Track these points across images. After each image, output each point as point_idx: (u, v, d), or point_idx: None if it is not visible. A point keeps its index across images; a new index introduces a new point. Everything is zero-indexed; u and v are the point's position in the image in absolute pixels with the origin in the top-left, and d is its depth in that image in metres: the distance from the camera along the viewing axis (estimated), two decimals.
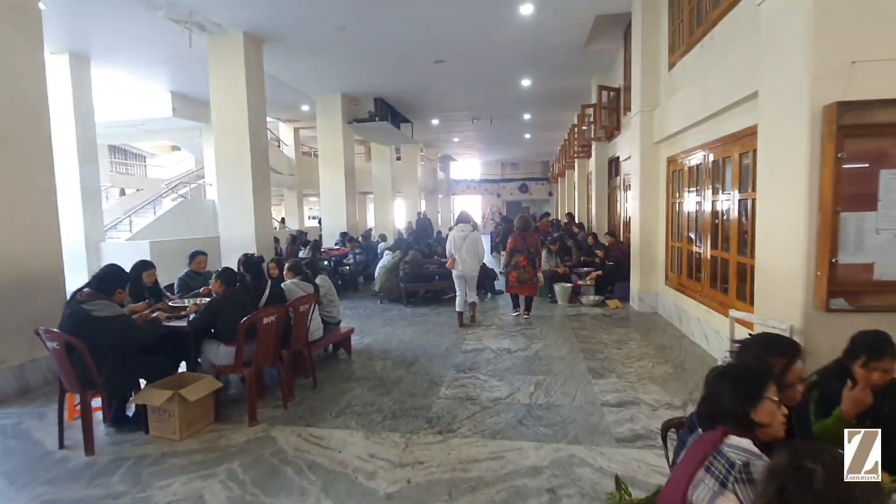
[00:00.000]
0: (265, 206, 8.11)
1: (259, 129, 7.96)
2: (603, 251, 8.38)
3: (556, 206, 27.49)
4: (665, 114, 6.05)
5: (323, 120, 11.53)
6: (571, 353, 4.99)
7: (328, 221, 11.83)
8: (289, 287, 4.40)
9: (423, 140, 19.80)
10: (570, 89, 11.48)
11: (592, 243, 9.14)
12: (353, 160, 12.33)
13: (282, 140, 16.44)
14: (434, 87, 11.26)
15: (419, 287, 7.88)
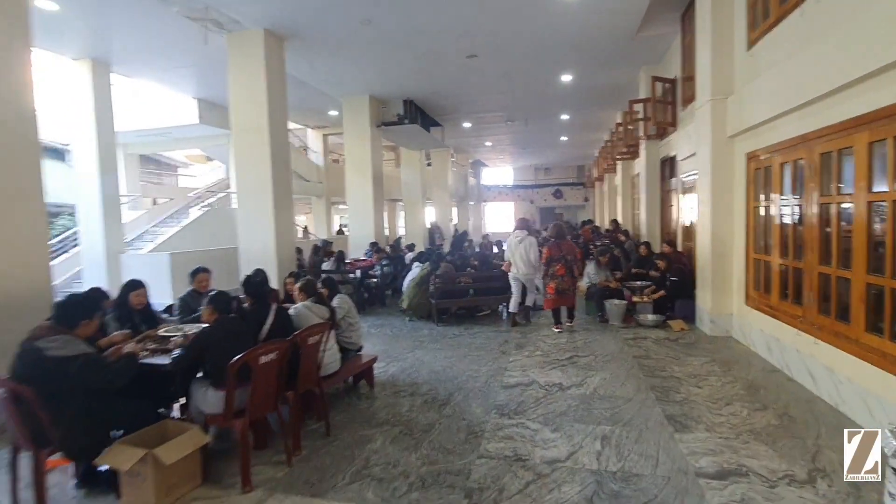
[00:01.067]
0: (287, 214, 7.54)
1: (280, 132, 7.41)
2: (664, 262, 7.39)
3: (592, 212, 26.25)
4: (744, 101, 5.08)
5: (350, 123, 10.98)
6: (639, 392, 4.08)
7: (355, 230, 11.24)
8: (299, 312, 3.70)
9: (454, 144, 19.12)
10: (614, 85, 10.52)
11: (646, 253, 8.12)
12: (382, 166, 11.72)
13: (310, 147, 16.08)
14: (466, 86, 10.53)
15: (451, 304, 7.10)
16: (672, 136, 8.46)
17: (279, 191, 7.27)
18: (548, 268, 6.26)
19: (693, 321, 6.32)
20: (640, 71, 9.52)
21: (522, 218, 6.94)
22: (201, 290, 4.29)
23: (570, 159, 26.51)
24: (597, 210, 22.47)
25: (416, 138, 13.02)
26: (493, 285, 7.15)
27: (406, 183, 15.45)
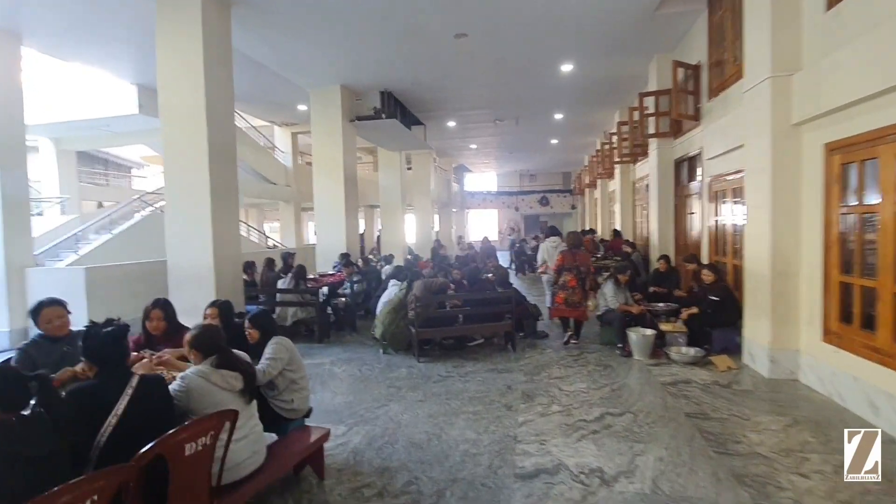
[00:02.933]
0: (229, 221, 6.04)
1: (222, 119, 5.93)
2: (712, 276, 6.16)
3: (581, 220, 25.25)
4: (822, 77, 3.86)
5: (318, 116, 9.53)
6: (723, 489, 2.73)
7: (324, 240, 9.74)
8: (188, 387, 2.22)
9: (437, 147, 17.79)
10: (619, 77, 9.35)
11: (665, 269, 6.88)
12: (355, 166, 10.28)
13: (277, 146, 14.53)
14: (452, 75, 9.21)
15: (436, 333, 5.68)
16: (693, 133, 7.27)
17: (220, 193, 5.78)
18: (558, 276, 5.91)
19: (735, 353, 5.07)
20: (651, 60, 8.35)
21: (552, 226, 7.06)
22: (55, 333, 2.78)
23: (558, 165, 25.49)
24: (587, 218, 21.40)
25: (395, 137, 11.62)
26: (488, 310, 5.77)
27: (384, 187, 14.02)
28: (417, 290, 5.60)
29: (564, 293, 5.82)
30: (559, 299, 5.88)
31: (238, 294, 6.00)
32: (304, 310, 6.49)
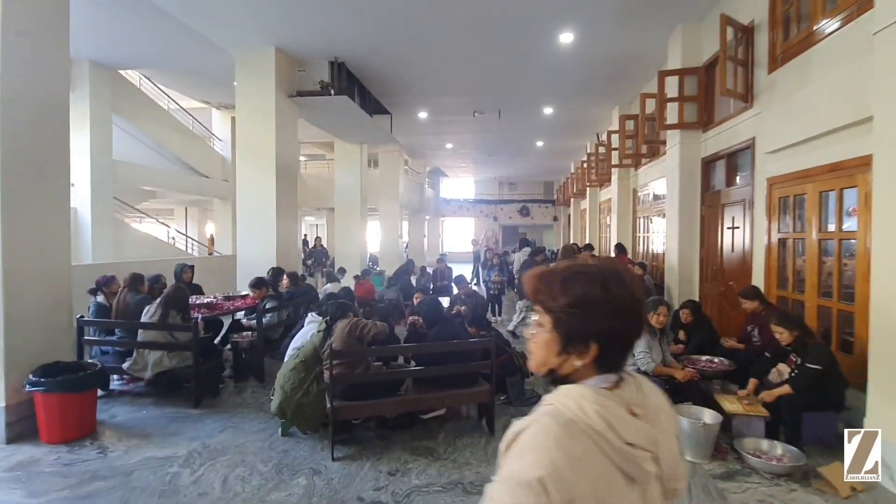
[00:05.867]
0: (52, 215, 3.80)
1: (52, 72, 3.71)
2: (752, 322, 4.22)
3: (563, 233, 23.55)
4: None
5: (244, 88, 7.33)
6: None
7: (248, 249, 7.48)
8: None
9: (407, 145, 15.72)
10: (628, 54, 7.47)
11: (689, 320, 4.80)
12: (296, 154, 8.11)
13: (215, 133, 12.19)
14: (422, 42, 7.17)
15: (366, 409, 3.50)
16: (737, 120, 5.40)
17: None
18: None
19: (837, 449, 3.11)
20: (674, 30, 6.51)
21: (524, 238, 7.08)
22: None
23: (540, 173, 23.78)
24: (571, 231, 19.65)
25: (351, 123, 9.49)
26: (454, 367, 3.65)
27: (340, 186, 11.82)
28: (336, 338, 3.45)
29: None
30: None
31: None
32: (175, 355, 4.25)
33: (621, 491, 0.77)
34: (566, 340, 0.85)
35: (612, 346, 0.85)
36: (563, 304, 0.85)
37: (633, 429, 0.80)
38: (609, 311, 0.84)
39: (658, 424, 0.85)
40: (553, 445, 0.74)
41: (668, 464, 0.85)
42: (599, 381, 0.84)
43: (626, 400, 0.83)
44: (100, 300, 4.92)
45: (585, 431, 0.77)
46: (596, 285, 0.85)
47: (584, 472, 0.74)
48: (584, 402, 0.79)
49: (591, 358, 0.84)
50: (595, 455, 0.76)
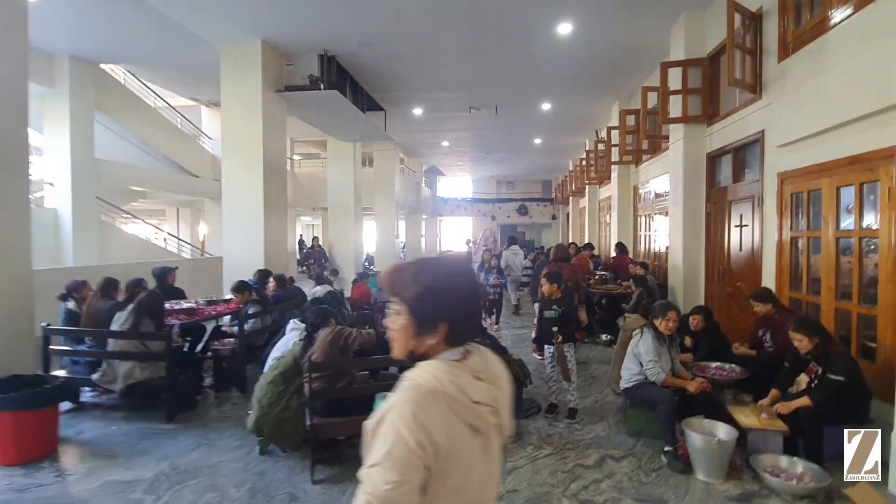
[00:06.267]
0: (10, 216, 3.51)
1: None
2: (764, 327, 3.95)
3: (562, 232, 23.30)
4: None
5: (230, 82, 7.03)
6: None
7: (234, 250, 7.19)
8: None
9: (403, 143, 15.43)
10: (630, 46, 7.19)
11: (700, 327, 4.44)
12: (284, 151, 7.80)
13: (204, 132, 11.89)
14: (415, 35, 6.88)
15: (350, 427, 3.19)
16: (745, 112, 5.12)
17: None
18: None
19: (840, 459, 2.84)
20: (677, 21, 6.24)
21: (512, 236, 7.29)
22: None
23: (538, 171, 23.49)
24: (570, 230, 19.39)
25: (343, 120, 9.21)
26: None
27: (334, 185, 11.54)
28: (318, 348, 3.17)
29: None
30: None
31: None
32: (147, 366, 3.96)
33: (468, 441, 0.95)
34: (420, 324, 0.99)
35: (458, 324, 1.01)
36: (414, 293, 0.99)
37: (478, 390, 0.98)
38: (453, 295, 1.00)
39: (498, 386, 1.05)
40: (418, 410, 0.88)
41: (505, 417, 1.06)
42: (450, 355, 1.01)
43: (472, 368, 1.01)
44: (70, 306, 4.63)
45: (441, 396, 0.92)
46: (441, 274, 1.02)
47: (447, 431, 0.90)
48: (438, 374, 0.95)
49: (441, 336, 1.00)
50: (448, 415, 0.91)
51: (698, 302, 6.01)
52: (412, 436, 0.86)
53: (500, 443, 1.05)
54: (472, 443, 0.95)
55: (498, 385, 1.05)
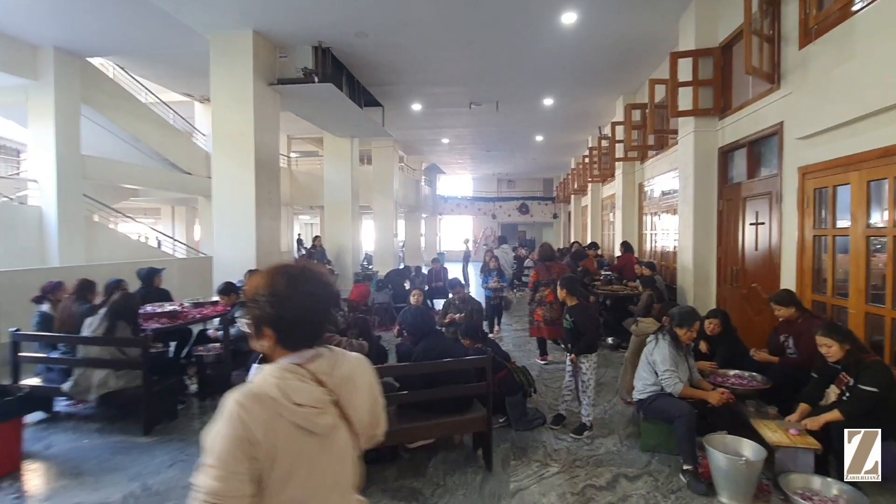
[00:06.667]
0: None
1: None
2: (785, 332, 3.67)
3: (563, 230, 23.02)
4: None
5: (220, 74, 6.75)
6: None
7: (225, 249, 6.92)
8: None
9: (402, 140, 15.16)
10: (636, 37, 6.91)
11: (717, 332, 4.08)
12: (276, 147, 7.52)
13: (198, 129, 11.60)
14: (413, 24, 6.58)
15: None
16: (762, 103, 4.83)
17: None
18: (535, 293, 5.72)
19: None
20: (687, 9, 5.95)
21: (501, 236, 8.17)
22: None
23: (540, 170, 23.20)
24: (572, 229, 19.11)
25: (339, 115, 8.93)
26: (444, 390, 3.09)
27: (330, 182, 11.27)
28: None
29: (543, 309, 5.48)
30: (538, 316, 5.53)
31: None
32: (123, 374, 3.68)
33: (299, 441, 1.02)
34: (255, 327, 1.08)
35: (284, 331, 1.07)
36: (250, 297, 1.09)
37: (302, 393, 1.03)
38: (281, 302, 1.06)
39: (345, 388, 1.11)
40: (241, 410, 0.97)
41: (360, 416, 1.14)
42: (293, 359, 1.08)
43: (314, 371, 1.07)
44: (45, 309, 4.36)
45: (265, 399, 1.00)
46: (277, 283, 1.07)
47: (267, 430, 0.97)
48: (267, 377, 1.03)
49: (271, 341, 1.07)
50: (274, 416, 0.99)
51: (710, 305, 5.74)
52: (233, 433, 0.94)
53: (350, 441, 1.11)
54: (303, 441, 1.02)
55: (345, 387, 1.10)
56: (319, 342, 1.12)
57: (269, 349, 1.08)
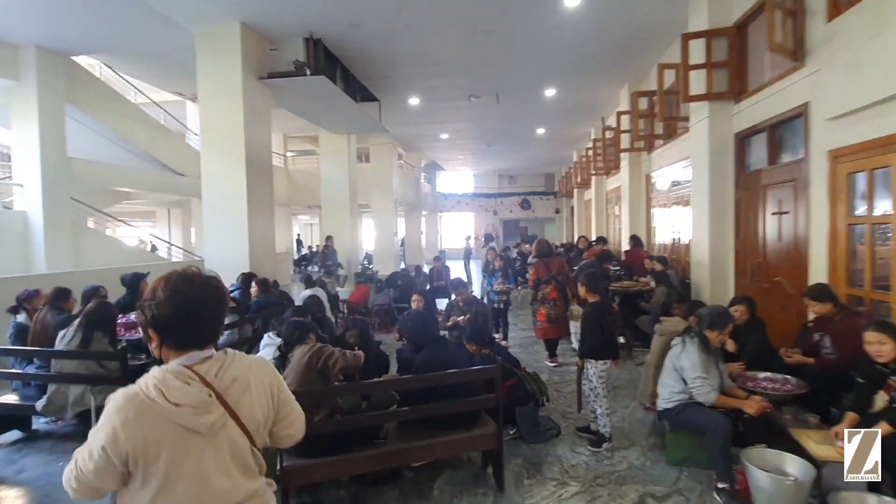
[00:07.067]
0: None
1: None
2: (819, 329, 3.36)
3: (566, 226, 22.70)
4: None
5: (207, 69, 6.44)
6: None
7: (215, 251, 6.62)
8: None
9: (400, 137, 14.84)
10: (640, 17, 6.58)
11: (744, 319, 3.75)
12: (268, 145, 7.21)
13: (189, 128, 11.31)
14: (410, 13, 6.26)
15: (335, 469, 2.59)
16: (783, 83, 4.50)
17: None
18: (536, 291, 5.44)
19: None
20: None
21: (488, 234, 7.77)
22: None
23: (541, 164, 22.85)
24: (575, 223, 18.77)
25: (333, 110, 8.61)
26: (449, 403, 2.78)
27: (327, 181, 10.95)
28: (291, 371, 2.59)
29: (546, 307, 5.30)
30: (541, 316, 5.32)
31: None
32: (102, 390, 3.39)
33: (182, 438, 1.09)
34: (143, 331, 1.18)
35: (166, 334, 1.15)
36: (139, 304, 1.18)
37: (181, 393, 1.09)
38: (157, 306, 1.14)
39: (235, 389, 1.18)
40: (114, 414, 1.06)
41: (252, 416, 1.19)
42: (183, 360, 1.15)
43: (201, 373, 1.14)
44: (20, 320, 4.07)
45: (142, 400, 1.07)
46: (160, 289, 1.15)
47: (139, 429, 1.05)
48: (148, 378, 1.10)
49: (156, 343, 1.17)
50: (150, 415, 1.06)
51: (727, 301, 5.42)
52: (107, 428, 1.05)
53: (241, 439, 1.17)
54: (186, 439, 1.09)
55: (234, 388, 1.17)
56: (209, 344, 1.19)
57: (157, 351, 1.16)
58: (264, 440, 1.26)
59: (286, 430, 1.31)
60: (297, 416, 1.33)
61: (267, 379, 1.26)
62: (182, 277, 1.17)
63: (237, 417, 1.16)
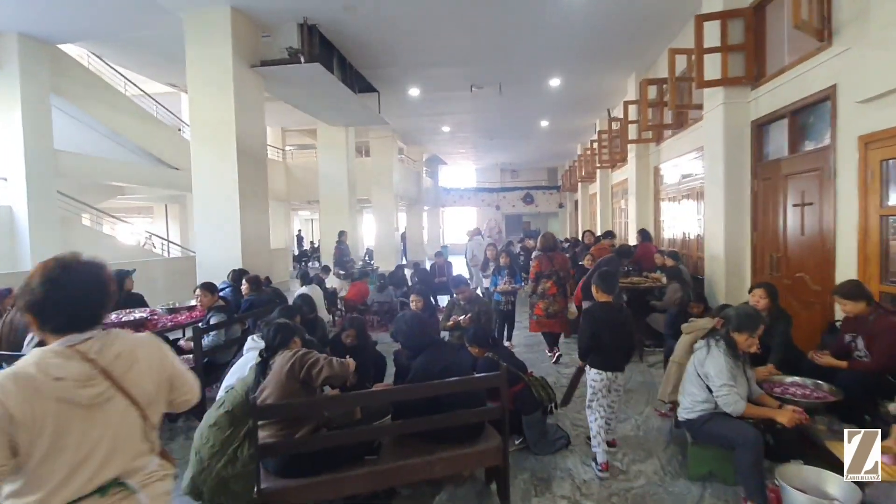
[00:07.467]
0: None
1: None
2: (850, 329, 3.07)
3: (569, 220, 22.39)
4: None
5: (196, 56, 6.16)
6: None
7: (207, 247, 6.36)
8: None
9: (401, 129, 14.53)
10: (652, 5, 6.27)
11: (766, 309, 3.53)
12: (262, 136, 6.93)
13: (184, 120, 11.02)
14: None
15: (321, 491, 2.32)
16: (810, 65, 4.19)
17: None
18: (536, 284, 5.27)
19: None
20: None
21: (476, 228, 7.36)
22: None
23: (544, 158, 22.51)
24: (579, 218, 18.45)
25: (330, 99, 8.32)
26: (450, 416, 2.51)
27: (325, 175, 10.67)
28: (271, 381, 2.33)
29: (545, 302, 5.18)
30: (538, 310, 5.22)
31: None
32: None
33: (66, 412, 1.14)
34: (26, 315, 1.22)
35: (41, 317, 1.19)
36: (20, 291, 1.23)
37: (61, 369, 1.16)
38: (31, 291, 1.18)
39: (119, 364, 1.24)
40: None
41: (142, 388, 1.27)
42: (64, 342, 1.20)
43: (82, 351, 1.20)
44: None
45: (22, 377, 1.12)
46: (37, 274, 1.20)
47: (24, 405, 1.09)
48: (28, 358, 1.17)
49: (36, 326, 1.20)
50: (32, 392, 1.11)
51: (743, 297, 5.12)
52: None
53: (130, 409, 1.24)
54: (70, 412, 1.15)
55: (119, 363, 1.24)
56: (90, 328, 1.23)
57: (38, 334, 1.21)
58: (160, 411, 1.33)
59: (183, 398, 1.40)
60: (191, 385, 1.42)
61: (157, 353, 1.34)
62: (60, 264, 1.21)
63: (125, 390, 1.23)
